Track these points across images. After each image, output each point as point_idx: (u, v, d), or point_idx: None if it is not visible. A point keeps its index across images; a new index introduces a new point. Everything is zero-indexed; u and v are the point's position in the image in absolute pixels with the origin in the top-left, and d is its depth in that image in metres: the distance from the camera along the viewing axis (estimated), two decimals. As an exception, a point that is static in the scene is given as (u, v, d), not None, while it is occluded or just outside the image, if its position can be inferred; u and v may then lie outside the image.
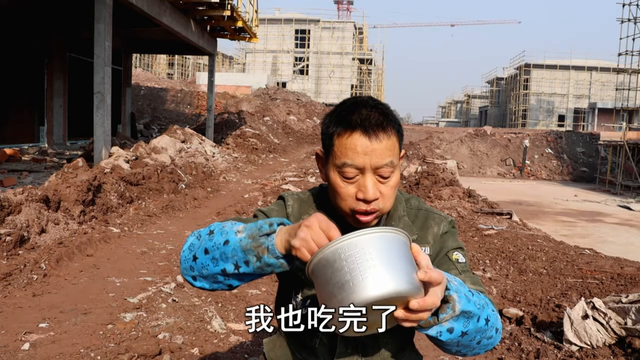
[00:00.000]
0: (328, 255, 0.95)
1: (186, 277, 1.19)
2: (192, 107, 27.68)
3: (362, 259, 0.92)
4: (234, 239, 1.07)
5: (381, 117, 1.14)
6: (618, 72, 23.73)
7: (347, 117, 1.15)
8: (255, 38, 15.41)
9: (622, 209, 14.95)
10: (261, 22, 36.59)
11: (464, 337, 1.07)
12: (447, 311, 1.01)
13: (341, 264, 0.93)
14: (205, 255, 1.11)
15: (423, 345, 3.43)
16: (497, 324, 1.15)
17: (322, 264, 0.95)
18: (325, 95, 40.20)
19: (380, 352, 1.25)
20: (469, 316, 1.05)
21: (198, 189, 8.85)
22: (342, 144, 1.14)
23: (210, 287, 1.16)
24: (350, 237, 0.94)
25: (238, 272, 1.07)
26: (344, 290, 0.92)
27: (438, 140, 25.08)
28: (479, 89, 58.44)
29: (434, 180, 10.43)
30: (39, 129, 13.27)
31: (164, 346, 3.00)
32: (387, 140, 1.13)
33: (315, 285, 0.99)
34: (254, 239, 1.05)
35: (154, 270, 4.65)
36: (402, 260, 0.94)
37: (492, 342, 1.16)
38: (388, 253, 0.94)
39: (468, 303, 1.04)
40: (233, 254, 1.06)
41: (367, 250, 0.93)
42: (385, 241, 0.95)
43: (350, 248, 0.93)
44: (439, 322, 1.01)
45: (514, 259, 5.58)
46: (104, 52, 7.93)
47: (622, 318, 3.20)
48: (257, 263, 1.04)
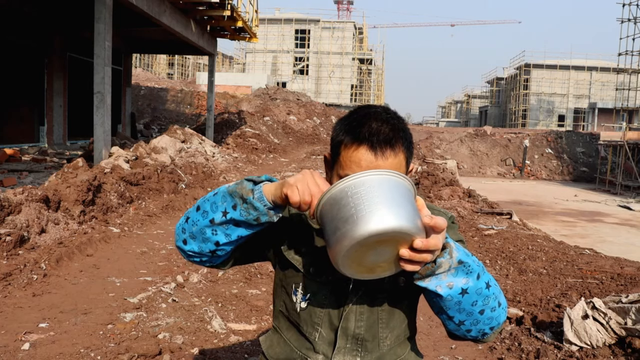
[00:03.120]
0: (336, 193, 0.99)
1: (178, 244, 1.23)
2: (192, 107, 27.67)
3: (368, 196, 0.96)
4: (222, 188, 1.15)
5: (391, 132, 1.14)
6: (618, 72, 23.73)
7: (357, 128, 1.15)
8: (255, 38, 15.41)
9: (622, 209, 14.95)
10: (261, 22, 36.60)
11: (464, 297, 1.07)
12: (444, 256, 1.02)
13: (347, 200, 0.97)
14: (197, 212, 1.17)
15: (423, 345, 3.43)
16: (500, 297, 1.16)
17: (330, 202, 0.99)
18: (325, 95, 40.20)
19: (380, 347, 1.25)
20: (468, 271, 1.06)
21: (198, 189, 8.85)
22: (348, 156, 1.14)
23: (199, 249, 1.19)
24: (358, 176, 0.99)
25: (226, 219, 1.11)
26: (347, 223, 0.95)
27: (438, 140, 25.09)
28: (479, 89, 58.47)
29: (434, 180, 10.44)
30: (39, 129, 13.27)
31: (164, 346, 3.00)
32: (393, 157, 1.13)
33: (322, 226, 1.02)
34: (239, 183, 1.12)
35: (154, 270, 4.65)
36: (406, 203, 0.98)
37: (496, 316, 1.15)
38: (393, 193, 0.97)
39: (467, 256, 1.06)
40: (222, 200, 1.12)
41: (373, 188, 0.97)
42: (391, 183, 0.99)
43: (357, 186, 0.97)
44: (437, 269, 1.02)
45: (514, 259, 5.58)
46: (104, 52, 7.93)
47: (622, 318, 3.20)
48: (243, 205, 1.09)
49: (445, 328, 1.20)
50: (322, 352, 1.25)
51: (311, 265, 1.23)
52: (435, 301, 1.10)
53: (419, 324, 2.86)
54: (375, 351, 1.25)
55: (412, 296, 1.26)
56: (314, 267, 1.23)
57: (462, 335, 1.17)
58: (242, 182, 1.11)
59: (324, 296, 1.23)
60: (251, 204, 1.08)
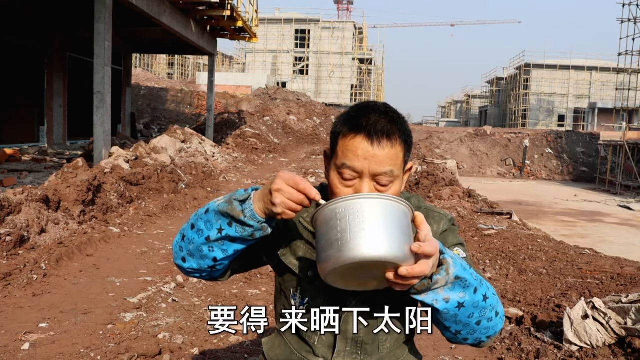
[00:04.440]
0: (326, 212, 0.99)
1: (177, 262, 1.23)
2: (192, 107, 27.67)
3: (355, 222, 0.96)
4: (212, 206, 1.14)
5: (389, 124, 1.14)
6: (618, 72, 23.73)
7: (355, 119, 1.16)
8: (255, 38, 15.41)
9: (622, 209, 14.95)
10: (261, 22, 36.58)
11: (461, 310, 1.07)
12: (441, 273, 1.02)
13: (335, 222, 0.97)
14: (192, 230, 1.16)
15: (423, 345, 3.43)
16: (497, 307, 1.15)
17: (321, 219, 1.01)
18: (325, 95, 40.19)
19: (380, 350, 1.25)
20: (465, 286, 1.05)
21: (198, 189, 8.85)
22: (345, 145, 1.14)
23: (197, 266, 1.19)
24: (350, 198, 0.99)
25: (222, 236, 1.11)
26: (332, 248, 0.96)
27: (438, 140, 25.09)
28: (479, 89, 58.44)
29: (434, 180, 10.44)
30: (39, 129, 13.27)
31: (164, 346, 3.00)
32: (390, 148, 1.13)
33: (315, 237, 1.04)
34: (229, 202, 1.10)
35: (154, 270, 4.65)
36: (395, 229, 0.97)
37: (493, 326, 1.15)
38: (382, 219, 0.96)
39: (464, 271, 1.05)
40: (216, 219, 1.11)
41: (362, 213, 0.96)
42: (383, 208, 0.98)
43: (346, 209, 0.97)
44: (433, 285, 1.02)
45: (514, 259, 5.58)
46: (104, 52, 7.93)
47: (622, 318, 3.20)
48: (237, 224, 1.09)
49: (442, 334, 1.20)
50: (322, 355, 1.25)
51: (308, 270, 1.23)
52: (433, 316, 1.11)
53: (419, 324, 2.86)
54: (375, 354, 1.25)
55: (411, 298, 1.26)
56: (312, 271, 1.23)
57: (459, 342, 1.18)
58: (232, 203, 1.10)
59: (322, 300, 1.23)
60: (244, 223, 1.08)
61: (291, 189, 1.03)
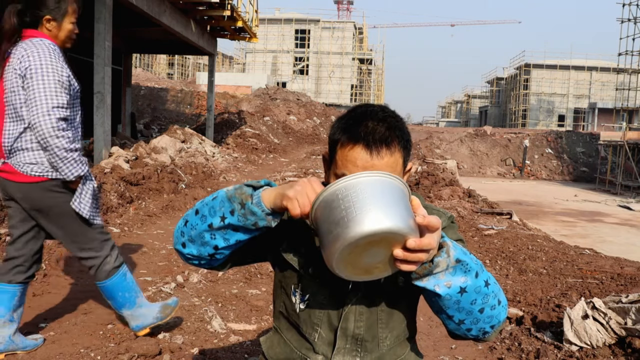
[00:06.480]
0: (327, 196, 0.99)
1: (177, 247, 1.23)
2: (192, 107, 27.67)
3: (358, 198, 0.96)
4: (222, 192, 1.14)
5: (387, 131, 1.14)
6: (618, 72, 23.75)
7: (353, 127, 1.15)
8: (255, 38, 15.41)
9: (622, 209, 14.95)
10: (261, 22, 36.60)
11: (463, 296, 1.07)
12: (441, 254, 1.02)
13: (338, 202, 0.97)
14: (195, 216, 1.16)
15: (423, 345, 3.43)
16: (499, 295, 1.15)
17: (322, 206, 1.00)
18: (325, 95, 40.21)
19: (380, 347, 1.25)
20: (466, 269, 1.05)
21: (198, 189, 8.85)
22: (344, 155, 1.15)
23: (197, 253, 1.18)
24: (348, 179, 0.99)
25: (224, 224, 1.11)
26: (338, 226, 0.96)
27: (438, 140, 25.10)
28: (479, 89, 58.48)
29: (434, 180, 10.44)
30: (39, 129, 13.26)
31: (164, 346, 3.00)
32: (389, 157, 1.13)
33: (317, 230, 1.03)
34: (238, 188, 1.11)
35: (154, 270, 4.64)
36: (398, 203, 0.97)
37: (496, 314, 1.14)
38: (384, 194, 0.97)
39: (464, 255, 1.06)
40: (220, 205, 1.11)
41: (364, 190, 0.97)
42: (383, 184, 0.99)
43: (347, 189, 0.98)
44: (434, 268, 1.02)
45: (514, 259, 5.58)
46: (104, 52, 7.93)
47: (622, 318, 3.20)
48: (241, 210, 1.08)
49: (445, 327, 1.20)
50: (322, 353, 1.25)
51: (310, 266, 1.23)
52: (434, 300, 1.10)
53: (419, 324, 2.86)
54: (375, 351, 1.25)
55: (411, 296, 1.26)
56: (313, 268, 1.23)
57: (463, 334, 1.17)
58: (242, 187, 1.11)
59: (323, 297, 1.23)
60: (249, 210, 1.08)
61: (311, 186, 1.04)
